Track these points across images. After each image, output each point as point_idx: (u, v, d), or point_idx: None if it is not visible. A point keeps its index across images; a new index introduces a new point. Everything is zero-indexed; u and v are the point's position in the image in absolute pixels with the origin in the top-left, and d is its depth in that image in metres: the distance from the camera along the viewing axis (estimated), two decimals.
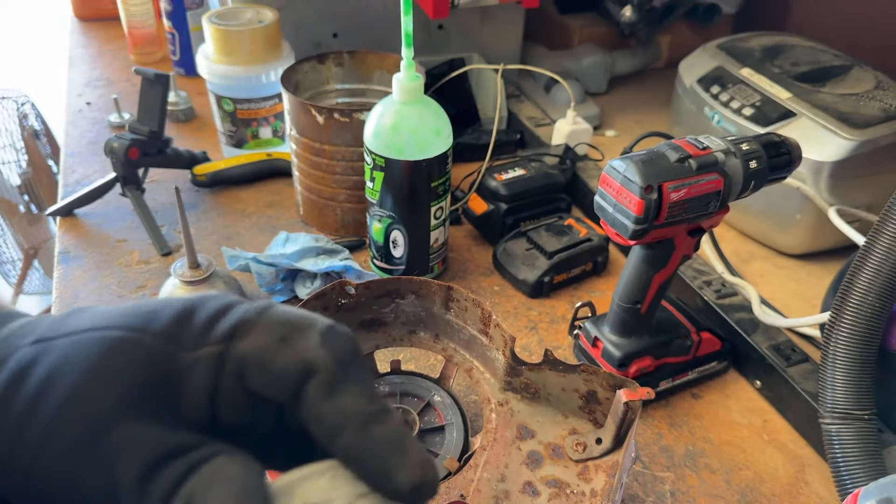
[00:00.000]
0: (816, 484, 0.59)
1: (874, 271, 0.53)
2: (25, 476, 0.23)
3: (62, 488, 0.23)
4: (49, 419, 0.23)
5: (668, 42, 1.23)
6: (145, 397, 0.23)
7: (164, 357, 0.24)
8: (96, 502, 0.23)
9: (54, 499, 0.23)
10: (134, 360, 0.24)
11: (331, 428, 0.23)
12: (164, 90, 0.82)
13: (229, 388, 0.24)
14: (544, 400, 0.58)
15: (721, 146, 0.56)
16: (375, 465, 0.22)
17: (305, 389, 0.23)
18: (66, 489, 0.23)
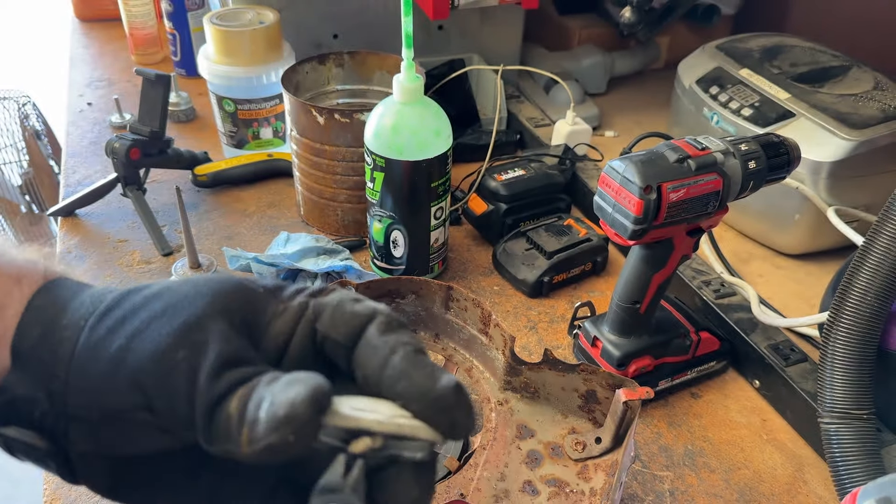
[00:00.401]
0: (815, 483, 0.60)
1: (873, 271, 0.53)
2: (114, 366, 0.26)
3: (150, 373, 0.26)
4: (158, 309, 0.27)
5: (667, 43, 1.23)
6: (241, 321, 0.28)
7: (263, 299, 0.29)
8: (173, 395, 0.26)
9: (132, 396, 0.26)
10: (239, 291, 0.28)
11: (384, 356, 0.26)
12: (165, 91, 0.83)
13: (304, 331, 0.28)
14: (544, 399, 0.59)
15: (720, 146, 0.56)
16: (423, 376, 0.26)
17: (367, 328, 0.27)
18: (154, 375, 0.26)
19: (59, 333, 0.27)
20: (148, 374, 0.26)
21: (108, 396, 0.26)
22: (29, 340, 0.27)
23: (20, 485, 1.59)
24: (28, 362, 0.27)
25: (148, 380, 0.26)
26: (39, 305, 0.28)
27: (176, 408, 0.26)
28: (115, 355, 0.26)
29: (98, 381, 0.26)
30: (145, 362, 0.26)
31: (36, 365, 0.27)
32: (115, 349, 0.26)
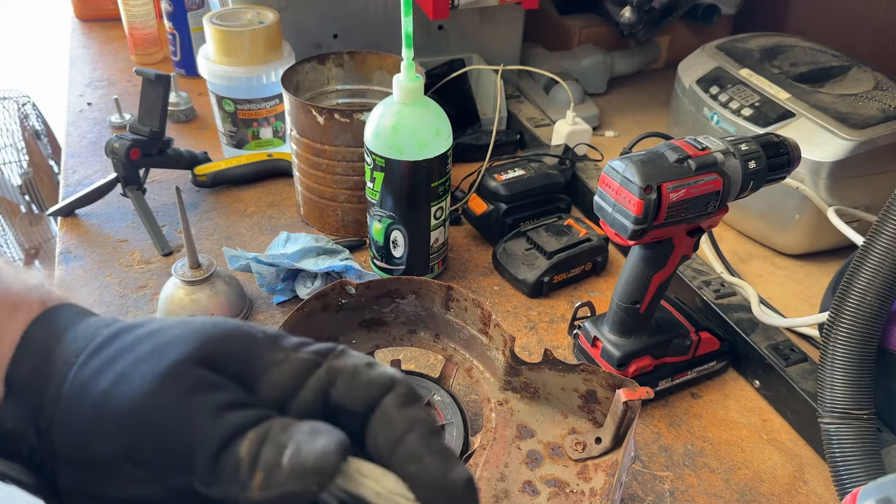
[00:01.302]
0: (815, 483, 0.60)
1: (873, 271, 0.53)
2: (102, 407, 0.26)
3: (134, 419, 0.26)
4: (146, 351, 0.27)
5: (667, 43, 1.23)
6: (234, 368, 0.27)
7: (260, 344, 0.28)
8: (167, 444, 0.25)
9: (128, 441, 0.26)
10: (234, 335, 0.28)
11: (399, 433, 0.26)
12: (164, 91, 0.83)
13: (314, 392, 0.27)
14: (544, 399, 0.59)
15: (720, 146, 0.56)
16: (436, 462, 0.25)
17: (384, 399, 0.27)
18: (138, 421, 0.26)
19: (51, 368, 0.27)
20: (132, 420, 0.26)
21: (92, 441, 0.26)
22: (22, 372, 0.27)
23: None
24: (20, 395, 0.27)
25: (131, 426, 0.25)
26: (35, 335, 0.28)
27: (165, 451, 0.25)
28: (99, 399, 0.26)
29: (83, 424, 0.26)
30: (128, 407, 0.26)
31: (27, 398, 0.27)
32: (99, 392, 0.26)
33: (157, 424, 0.25)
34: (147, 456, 0.25)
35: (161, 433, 0.25)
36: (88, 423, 0.26)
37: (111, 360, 0.27)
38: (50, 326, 0.28)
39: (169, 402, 0.25)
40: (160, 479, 0.26)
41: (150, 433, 0.25)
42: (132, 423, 0.26)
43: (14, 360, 0.27)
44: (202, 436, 0.25)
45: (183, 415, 0.25)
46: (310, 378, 0.27)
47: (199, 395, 0.26)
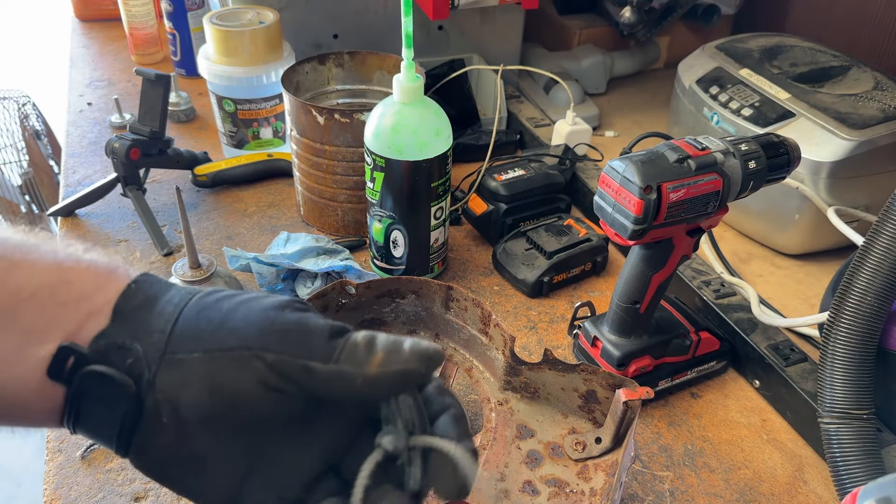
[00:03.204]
0: (815, 483, 0.60)
1: (873, 271, 0.53)
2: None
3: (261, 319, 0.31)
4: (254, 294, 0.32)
5: (667, 43, 1.23)
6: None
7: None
8: None
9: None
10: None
11: (439, 407, 0.32)
12: (165, 91, 0.83)
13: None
14: (544, 399, 0.59)
15: (720, 146, 0.56)
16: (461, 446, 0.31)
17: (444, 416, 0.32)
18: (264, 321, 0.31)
19: (162, 303, 0.31)
20: (257, 318, 0.30)
21: (216, 337, 0.30)
22: (132, 304, 0.31)
23: (21, 485, 1.59)
24: (129, 319, 0.30)
25: (257, 322, 0.30)
26: (143, 282, 0.32)
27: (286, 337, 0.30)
28: (224, 313, 0.31)
29: (207, 331, 0.30)
30: (253, 312, 0.30)
31: (136, 322, 0.30)
32: (224, 310, 0.31)
33: (279, 322, 0.30)
34: (268, 345, 0.30)
35: (282, 327, 0.30)
36: (213, 328, 0.30)
37: (226, 297, 0.32)
38: (155, 280, 0.33)
39: (288, 312, 0.31)
40: (278, 366, 0.29)
41: (273, 328, 0.30)
42: (255, 324, 0.30)
43: (124, 295, 0.31)
44: (318, 326, 0.30)
45: (301, 317, 0.31)
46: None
47: (311, 312, 0.32)
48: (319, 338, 0.30)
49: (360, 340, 0.30)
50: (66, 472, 0.57)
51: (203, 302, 0.31)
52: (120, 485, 0.56)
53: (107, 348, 0.30)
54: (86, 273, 0.31)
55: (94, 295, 0.30)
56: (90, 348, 0.29)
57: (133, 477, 0.57)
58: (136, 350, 0.30)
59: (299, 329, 0.30)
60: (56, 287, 0.30)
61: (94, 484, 0.56)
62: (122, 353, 0.30)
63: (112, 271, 0.32)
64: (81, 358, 0.29)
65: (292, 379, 0.29)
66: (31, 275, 0.30)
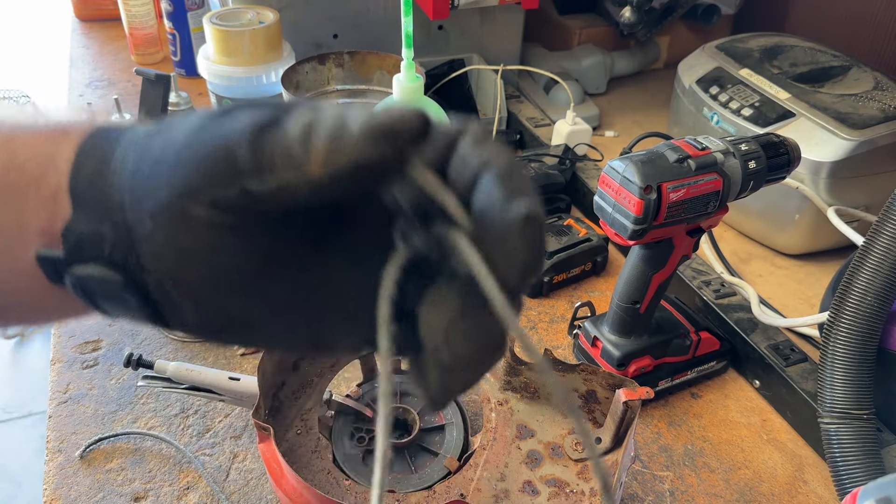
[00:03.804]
0: (815, 483, 0.60)
1: (873, 271, 0.53)
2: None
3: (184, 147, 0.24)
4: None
5: (667, 43, 1.23)
6: None
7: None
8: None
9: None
10: None
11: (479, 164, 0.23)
12: (165, 91, 0.83)
13: None
14: (544, 399, 0.59)
15: (720, 146, 0.56)
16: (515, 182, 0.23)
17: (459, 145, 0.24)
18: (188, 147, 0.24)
19: (114, 164, 0.26)
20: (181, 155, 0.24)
21: (153, 194, 0.24)
22: (84, 180, 0.26)
23: (21, 485, 1.59)
24: (86, 201, 0.26)
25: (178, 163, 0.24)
26: (91, 145, 0.26)
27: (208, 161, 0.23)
28: (156, 157, 0.25)
29: (143, 189, 0.24)
30: (177, 149, 0.24)
31: (94, 201, 0.26)
32: (157, 151, 0.25)
33: (195, 145, 0.23)
34: (193, 180, 0.23)
35: (199, 152, 0.23)
36: (146, 183, 0.24)
37: (159, 133, 0.25)
38: (107, 133, 0.27)
39: (206, 125, 0.24)
40: (215, 198, 0.23)
41: (191, 157, 0.23)
42: (176, 160, 0.24)
43: (74, 170, 0.26)
44: (237, 126, 0.23)
45: (218, 124, 0.24)
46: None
47: (234, 110, 0.24)
48: (241, 144, 0.22)
49: (291, 133, 0.22)
50: (65, 472, 0.57)
51: (142, 149, 0.25)
52: (120, 485, 0.56)
53: (78, 243, 0.26)
54: (38, 148, 0.27)
55: (46, 173, 0.26)
56: (65, 248, 0.26)
57: (133, 477, 0.57)
58: (107, 235, 0.25)
59: (219, 145, 0.23)
60: (9, 173, 0.26)
61: (94, 484, 0.56)
62: (96, 243, 0.25)
63: (64, 135, 0.27)
64: (61, 264, 0.26)
65: (241, 210, 0.23)
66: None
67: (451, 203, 0.23)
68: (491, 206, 0.23)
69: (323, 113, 0.23)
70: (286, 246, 0.25)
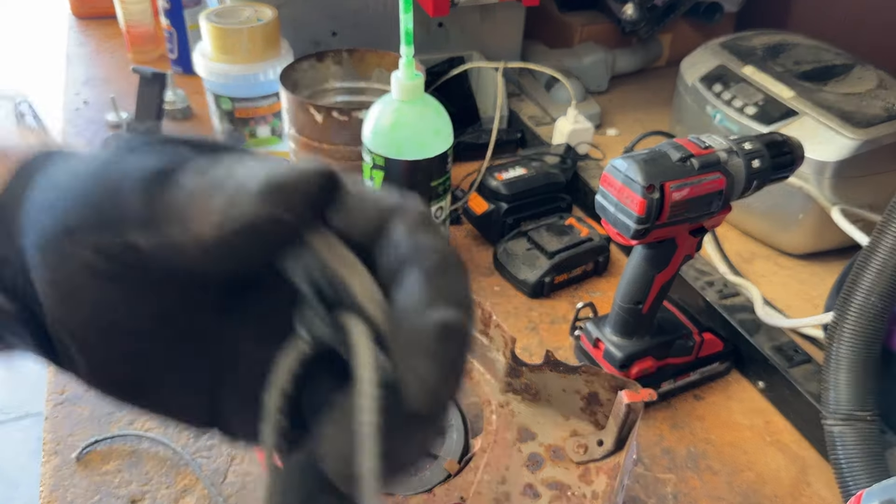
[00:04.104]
0: (819, 485, 0.59)
1: (878, 271, 0.53)
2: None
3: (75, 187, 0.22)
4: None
5: (669, 40, 1.23)
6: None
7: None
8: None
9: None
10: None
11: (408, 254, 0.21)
12: (161, 89, 0.82)
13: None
14: (545, 401, 0.58)
15: (723, 145, 0.55)
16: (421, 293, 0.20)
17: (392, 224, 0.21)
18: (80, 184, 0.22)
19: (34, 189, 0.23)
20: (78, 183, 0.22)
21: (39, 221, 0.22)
22: (10, 203, 0.24)
23: (17, 487, 1.59)
24: (5, 225, 0.23)
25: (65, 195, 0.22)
26: (26, 167, 0.24)
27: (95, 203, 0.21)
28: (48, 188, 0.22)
29: (32, 220, 0.22)
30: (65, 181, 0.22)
31: (11, 226, 0.23)
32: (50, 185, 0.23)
33: (84, 180, 0.21)
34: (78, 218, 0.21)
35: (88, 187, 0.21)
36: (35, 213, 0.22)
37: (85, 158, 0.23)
38: (43, 159, 0.25)
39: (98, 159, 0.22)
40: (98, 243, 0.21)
41: (79, 193, 0.21)
42: (63, 191, 0.22)
43: (4, 193, 0.24)
44: (131, 170, 0.21)
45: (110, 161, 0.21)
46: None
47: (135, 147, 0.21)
48: (132, 191, 0.20)
49: (188, 184, 0.20)
50: (62, 474, 0.56)
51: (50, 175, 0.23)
52: (116, 487, 0.55)
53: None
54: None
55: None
56: None
57: (129, 479, 0.56)
58: (13, 261, 0.23)
59: (111, 187, 0.21)
60: None
61: (91, 486, 0.55)
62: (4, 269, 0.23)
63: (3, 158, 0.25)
64: None
65: (126, 263, 0.21)
66: None
67: (356, 284, 0.20)
68: (409, 306, 0.20)
69: (229, 167, 0.20)
70: (179, 310, 0.23)
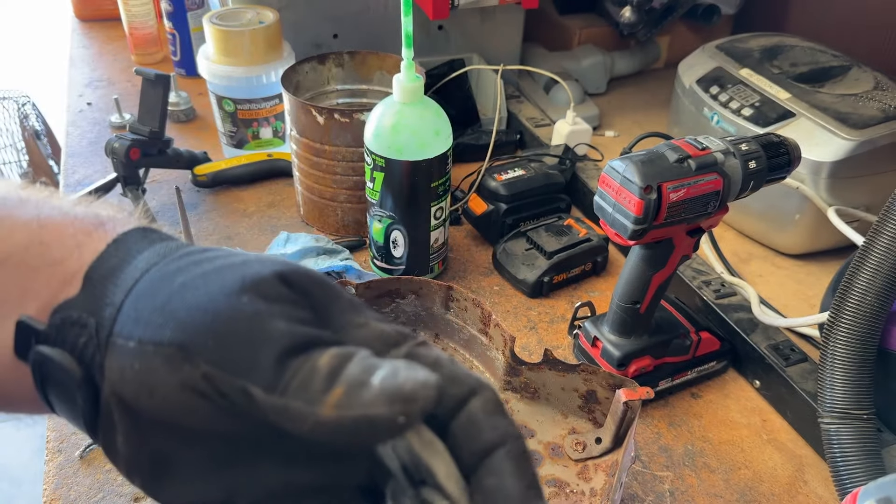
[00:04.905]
0: (815, 483, 0.60)
1: (873, 271, 0.53)
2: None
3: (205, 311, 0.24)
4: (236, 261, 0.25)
5: (667, 43, 1.23)
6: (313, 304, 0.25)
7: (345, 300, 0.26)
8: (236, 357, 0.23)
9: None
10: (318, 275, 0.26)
11: (489, 442, 0.23)
12: (164, 90, 0.83)
13: None
14: (544, 399, 0.59)
15: (720, 146, 0.56)
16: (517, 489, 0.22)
17: (471, 403, 0.24)
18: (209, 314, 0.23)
19: (131, 266, 0.26)
20: (200, 310, 0.23)
21: (152, 323, 0.24)
22: (102, 270, 0.26)
23: (20, 485, 1.59)
24: (95, 287, 0.26)
25: (198, 315, 0.23)
26: (123, 241, 0.27)
27: (226, 345, 0.23)
28: (173, 289, 0.24)
29: (146, 312, 0.24)
30: (199, 299, 0.24)
31: (99, 292, 0.26)
32: (177, 284, 0.25)
33: (225, 318, 0.23)
34: (205, 348, 0.23)
35: (227, 327, 0.23)
36: (154, 309, 0.24)
37: (195, 263, 0.25)
38: (133, 240, 0.27)
39: (244, 303, 0.23)
40: (212, 379, 0.23)
41: (215, 325, 0.23)
42: (199, 313, 0.23)
43: (100, 258, 0.26)
44: (274, 334, 0.23)
45: (256, 313, 0.23)
46: (390, 351, 0.24)
47: (279, 304, 0.24)
48: (268, 354, 0.22)
49: (321, 365, 0.22)
50: (65, 472, 0.57)
51: (166, 268, 0.25)
52: (119, 485, 0.56)
53: (62, 323, 0.25)
54: (66, 230, 0.27)
55: (69, 257, 0.26)
56: (49, 323, 0.25)
57: None
58: (90, 326, 0.25)
59: (246, 335, 0.23)
60: (30, 249, 0.26)
61: (94, 484, 0.56)
62: (76, 330, 0.25)
63: (97, 226, 0.27)
64: (38, 336, 0.25)
65: (230, 398, 0.23)
66: (8, 235, 0.26)
67: (440, 466, 0.22)
68: (503, 496, 0.22)
69: (356, 356, 0.23)
70: (250, 441, 0.25)
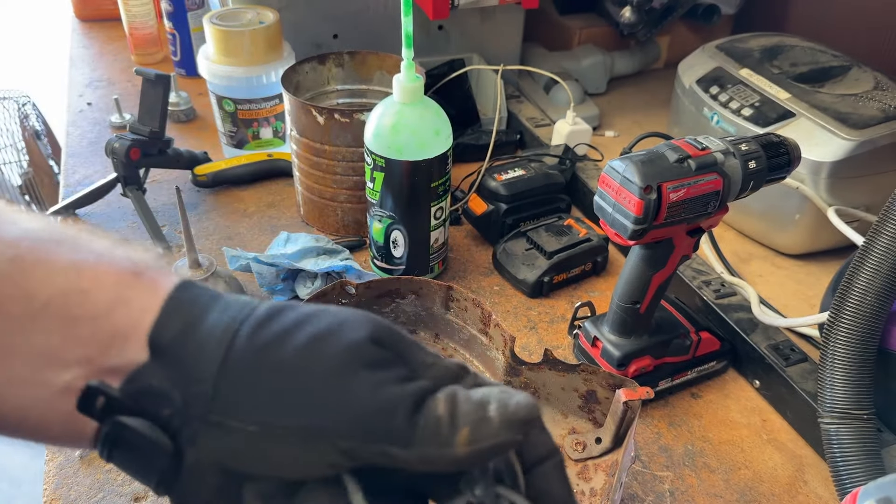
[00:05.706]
0: (815, 483, 0.60)
1: (873, 271, 0.53)
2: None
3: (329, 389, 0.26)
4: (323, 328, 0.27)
5: (667, 43, 1.23)
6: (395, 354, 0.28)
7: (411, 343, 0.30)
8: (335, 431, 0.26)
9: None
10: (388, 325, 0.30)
11: (540, 454, 0.29)
12: (164, 91, 0.83)
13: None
14: (544, 399, 0.59)
15: (720, 146, 0.56)
16: None
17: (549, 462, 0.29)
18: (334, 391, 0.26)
19: (206, 332, 0.27)
20: (326, 391, 0.26)
21: (277, 408, 0.26)
22: (169, 333, 0.27)
23: (20, 485, 1.59)
24: (168, 357, 0.26)
25: (326, 396, 0.26)
26: (179, 303, 0.27)
27: (360, 420, 0.26)
28: (282, 371, 0.26)
29: (265, 394, 0.26)
30: (321, 376, 0.26)
31: (176, 361, 0.26)
32: (285, 362, 0.26)
33: (352, 398, 0.26)
34: (339, 426, 0.26)
35: (356, 406, 0.26)
36: (273, 393, 0.26)
37: (285, 335, 0.27)
38: (195, 294, 0.28)
39: (361, 379, 0.26)
40: (353, 451, 0.26)
41: (343, 406, 0.26)
42: (321, 396, 0.26)
43: (161, 320, 0.27)
44: (396, 401, 0.26)
45: (374, 387, 0.26)
46: (461, 383, 0.29)
47: (383, 370, 0.27)
48: (400, 419, 0.26)
49: (441, 413, 0.26)
50: (65, 472, 0.57)
51: (257, 342, 0.26)
52: (120, 485, 0.56)
53: (140, 393, 0.26)
54: (105, 278, 0.27)
55: (114, 310, 0.26)
56: (122, 390, 0.26)
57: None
58: (176, 400, 0.26)
59: (374, 408, 0.26)
60: (70, 296, 0.26)
61: (94, 484, 0.56)
62: (158, 402, 0.26)
63: (136, 275, 0.27)
64: (113, 402, 0.26)
65: (367, 462, 0.26)
66: (45, 280, 0.26)
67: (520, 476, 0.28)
68: (552, 498, 0.28)
69: (458, 395, 0.27)
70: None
